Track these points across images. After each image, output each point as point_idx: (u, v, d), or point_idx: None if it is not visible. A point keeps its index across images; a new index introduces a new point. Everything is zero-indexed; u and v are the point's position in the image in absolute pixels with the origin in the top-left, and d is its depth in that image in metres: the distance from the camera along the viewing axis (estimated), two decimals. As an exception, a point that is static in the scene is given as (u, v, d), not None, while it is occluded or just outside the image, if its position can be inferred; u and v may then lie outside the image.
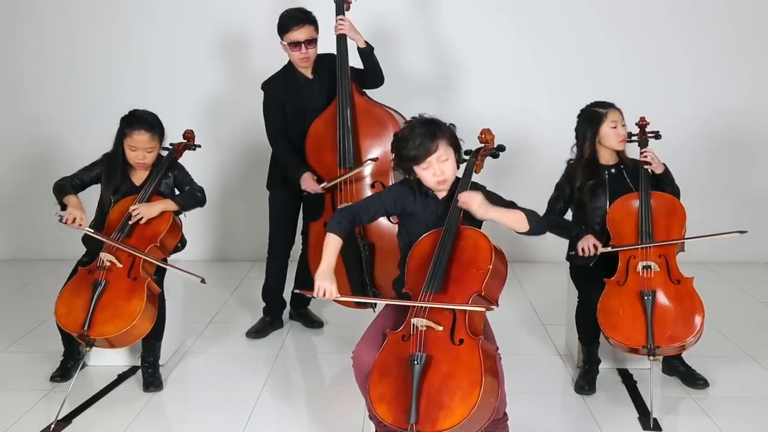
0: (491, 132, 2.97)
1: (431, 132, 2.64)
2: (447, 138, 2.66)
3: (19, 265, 5.58)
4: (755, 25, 5.36)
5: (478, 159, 2.86)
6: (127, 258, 3.35)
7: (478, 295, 2.54)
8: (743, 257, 5.33)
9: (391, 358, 2.49)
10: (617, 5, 5.35)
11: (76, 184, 3.52)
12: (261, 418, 3.16)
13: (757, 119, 5.42)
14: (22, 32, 5.51)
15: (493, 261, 2.57)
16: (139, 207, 3.42)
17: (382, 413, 2.40)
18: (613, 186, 3.45)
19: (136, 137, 3.46)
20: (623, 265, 3.30)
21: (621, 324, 3.17)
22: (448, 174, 2.68)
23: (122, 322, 3.19)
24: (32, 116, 5.58)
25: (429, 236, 2.69)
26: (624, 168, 3.49)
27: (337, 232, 2.68)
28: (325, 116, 3.78)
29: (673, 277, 3.23)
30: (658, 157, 3.45)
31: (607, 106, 3.47)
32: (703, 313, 3.14)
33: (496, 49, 5.38)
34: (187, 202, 3.60)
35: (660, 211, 3.36)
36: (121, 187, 3.55)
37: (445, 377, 2.39)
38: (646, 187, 3.38)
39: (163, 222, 3.47)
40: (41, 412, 3.17)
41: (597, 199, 3.45)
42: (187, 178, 3.70)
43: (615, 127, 3.42)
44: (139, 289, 3.27)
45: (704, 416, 3.13)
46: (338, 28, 3.76)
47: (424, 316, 2.49)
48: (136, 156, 3.50)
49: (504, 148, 2.96)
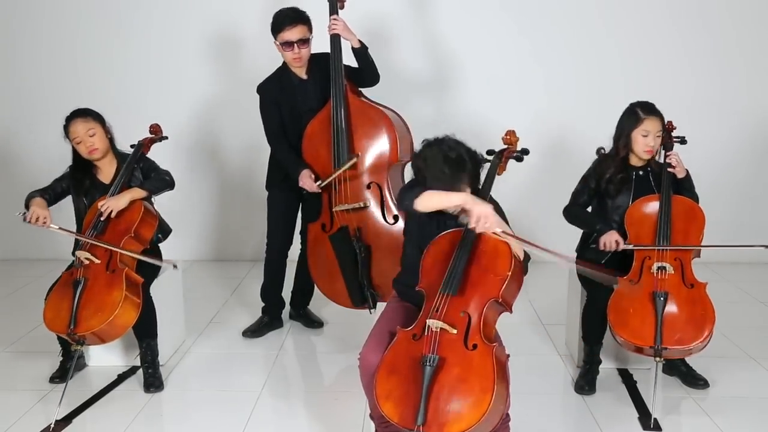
0: (516, 134, 2.92)
1: (455, 175, 2.58)
2: (468, 181, 2.62)
3: (18, 265, 5.58)
4: (761, 24, 5.35)
5: (501, 161, 2.83)
6: (104, 253, 3.34)
7: (495, 301, 2.52)
8: (743, 257, 5.32)
9: (400, 356, 2.47)
10: (617, 4, 5.34)
11: (48, 196, 3.51)
12: (261, 418, 3.16)
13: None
14: (21, 33, 5.50)
15: (512, 267, 2.55)
16: (107, 201, 3.42)
17: (388, 411, 2.38)
18: (639, 187, 3.44)
19: (72, 129, 3.49)
20: (638, 264, 3.29)
21: (630, 322, 3.16)
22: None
23: (104, 314, 3.19)
24: (30, 117, 5.57)
25: (447, 235, 2.65)
26: (650, 170, 3.48)
27: (419, 193, 2.57)
28: (320, 117, 3.78)
29: (687, 281, 3.23)
30: (682, 162, 3.45)
31: (648, 112, 3.39)
32: (713, 320, 3.12)
33: (493, 47, 5.38)
34: (155, 186, 3.59)
35: (679, 214, 3.36)
36: (91, 189, 3.55)
37: (456, 381, 2.37)
38: (668, 190, 3.38)
39: (135, 212, 3.46)
40: (41, 413, 3.17)
41: (620, 197, 3.44)
42: (153, 166, 3.68)
43: (645, 136, 3.37)
44: (117, 280, 3.27)
45: (704, 416, 3.13)
46: (331, 28, 3.76)
47: (439, 318, 2.47)
48: (84, 147, 3.49)
49: (528, 151, 2.92)
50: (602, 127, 3.51)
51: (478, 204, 2.49)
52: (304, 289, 4.26)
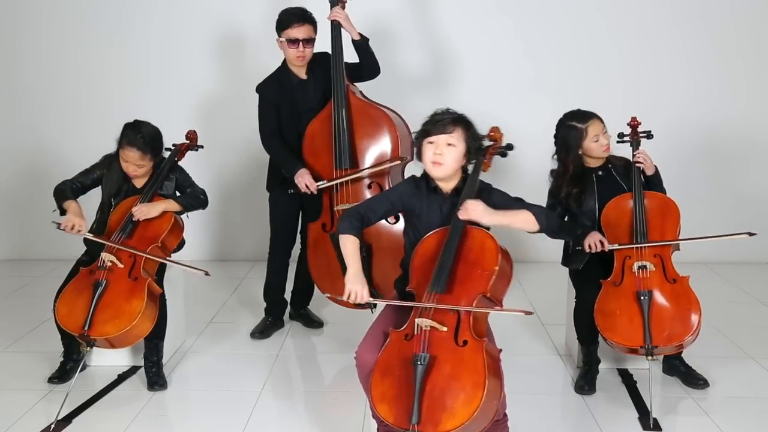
0: (500, 130, 2.95)
1: (455, 118, 2.68)
2: (465, 131, 2.68)
3: (19, 265, 5.58)
4: (755, 27, 5.35)
5: (486, 157, 2.84)
6: (128, 258, 3.35)
7: (484, 296, 2.53)
8: (743, 257, 5.33)
9: (393, 357, 2.48)
10: (615, 5, 5.34)
11: (76, 187, 3.53)
12: (261, 418, 3.16)
13: (755, 121, 5.41)
14: (21, 35, 5.50)
15: (499, 262, 2.56)
16: (140, 206, 3.43)
17: (383, 413, 2.40)
18: (602, 187, 3.45)
19: (127, 153, 3.47)
20: (619, 265, 3.30)
21: (618, 325, 3.17)
22: (447, 160, 2.66)
23: (122, 323, 3.19)
24: (32, 117, 5.58)
25: (434, 235, 2.68)
26: (612, 168, 3.48)
27: (351, 232, 2.67)
28: (320, 117, 3.78)
29: (669, 276, 3.24)
30: (650, 158, 3.45)
31: (586, 119, 3.40)
32: (699, 311, 3.14)
33: (493, 46, 5.38)
34: (190, 203, 3.61)
35: (654, 210, 3.37)
36: (122, 189, 3.56)
37: (448, 378, 2.38)
38: (640, 187, 3.38)
39: (165, 222, 3.48)
40: (41, 413, 3.17)
41: (585, 204, 3.45)
42: (188, 181, 3.70)
43: (597, 141, 3.40)
44: (139, 290, 3.27)
45: (704, 416, 3.13)
46: (333, 14, 3.76)
47: (428, 317, 2.48)
48: (126, 167, 3.52)
49: (513, 147, 2.95)
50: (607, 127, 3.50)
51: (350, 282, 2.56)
52: (304, 289, 4.26)
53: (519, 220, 2.67)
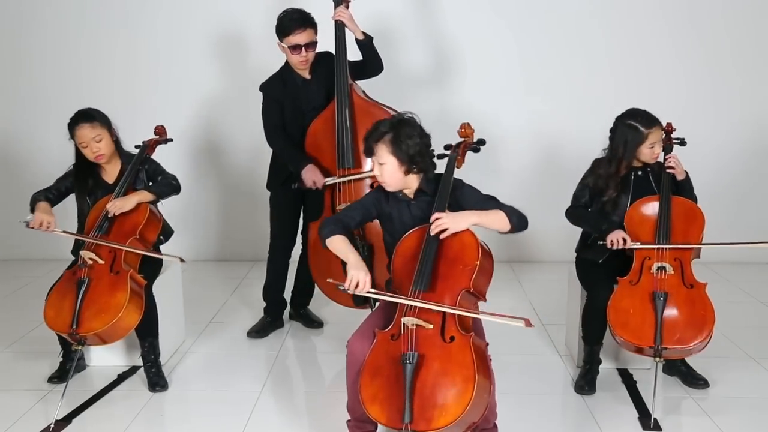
0: (471, 126, 2.98)
1: (376, 136, 2.67)
2: (391, 147, 2.65)
3: (18, 265, 5.57)
4: (755, 27, 5.35)
5: (459, 154, 2.87)
6: (108, 254, 3.35)
7: (467, 292, 2.56)
8: (743, 257, 5.32)
9: (381, 357, 2.50)
10: (616, 7, 5.34)
11: (52, 196, 3.53)
12: (261, 418, 3.16)
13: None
14: (23, 34, 5.50)
15: (480, 257, 2.58)
16: (114, 201, 3.42)
17: (375, 413, 2.41)
18: (638, 187, 3.44)
19: (78, 133, 3.46)
20: (638, 265, 3.29)
21: (630, 322, 3.16)
22: (385, 179, 2.69)
23: (108, 316, 3.19)
24: (33, 116, 5.57)
25: (412, 234, 2.70)
26: (650, 170, 3.47)
27: (338, 232, 2.72)
28: (323, 116, 3.78)
29: (687, 281, 3.23)
30: (681, 164, 3.45)
31: (651, 125, 3.33)
32: (713, 319, 3.13)
33: (495, 45, 5.38)
34: (162, 190, 3.60)
35: (679, 215, 3.36)
36: (94, 189, 3.55)
37: (438, 375, 2.40)
38: (668, 190, 3.38)
39: (140, 214, 3.47)
40: (40, 413, 3.17)
41: (619, 197, 3.42)
42: (159, 169, 3.68)
43: (652, 147, 3.36)
44: (122, 282, 3.27)
45: (704, 416, 3.13)
46: (337, 14, 3.76)
47: (413, 315, 2.50)
48: (90, 151, 3.48)
49: (484, 141, 2.98)
50: (604, 128, 3.50)
51: (353, 269, 2.57)
52: (304, 289, 4.26)
53: (491, 220, 2.67)
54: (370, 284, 2.57)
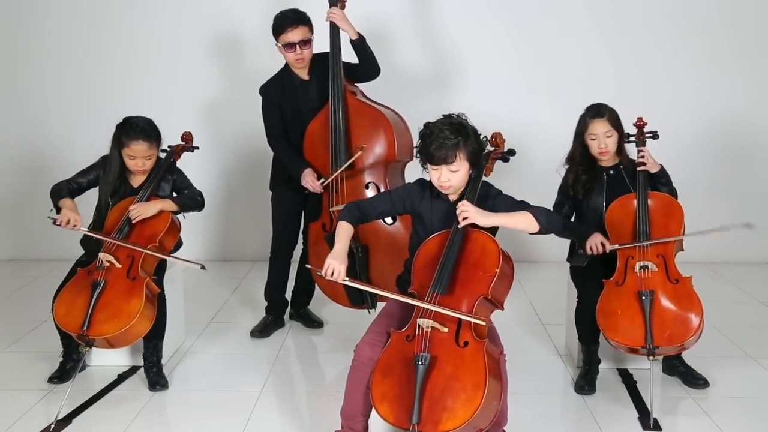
0: (502, 136, 3.01)
1: (455, 143, 2.62)
2: (467, 153, 2.65)
3: (19, 265, 5.58)
4: (751, 25, 5.35)
5: (488, 162, 2.88)
6: (126, 258, 3.35)
7: (485, 298, 2.54)
8: (743, 257, 5.33)
9: (394, 357, 2.49)
10: (615, 6, 5.34)
11: (73, 187, 3.53)
12: (261, 418, 3.16)
13: (755, 119, 5.41)
14: (22, 35, 5.50)
15: (500, 264, 2.56)
16: (137, 206, 3.43)
17: (383, 412, 2.41)
18: (612, 187, 3.45)
19: (133, 147, 3.45)
20: (621, 265, 3.30)
21: (620, 324, 3.17)
22: (454, 183, 2.68)
23: (121, 322, 3.19)
24: (32, 117, 5.58)
25: (437, 237, 2.69)
26: (623, 169, 3.48)
27: (348, 220, 2.72)
28: (319, 118, 3.79)
29: (672, 276, 3.23)
30: (653, 157, 3.45)
31: (594, 116, 3.40)
32: (701, 312, 3.14)
33: (495, 46, 5.39)
34: (186, 203, 3.61)
35: (658, 210, 3.36)
36: (119, 189, 3.56)
37: (448, 379, 2.39)
38: (644, 187, 3.37)
39: (162, 222, 3.47)
40: (41, 413, 3.17)
41: (593, 199, 3.45)
42: (186, 182, 3.70)
43: (594, 140, 3.40)
44: (138, 289, 3.27)
45: (704, 416, 3.13)
46: (329, 16, 3.76)
47: (429, 317, 2.49)
48: (135, 164, 3.50)
49: (514, 152, 3.00)
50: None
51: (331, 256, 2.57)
52: (304, 289, 4.26)
53: (517, 221, 2.66)
54: (344, 274, 2.57)
